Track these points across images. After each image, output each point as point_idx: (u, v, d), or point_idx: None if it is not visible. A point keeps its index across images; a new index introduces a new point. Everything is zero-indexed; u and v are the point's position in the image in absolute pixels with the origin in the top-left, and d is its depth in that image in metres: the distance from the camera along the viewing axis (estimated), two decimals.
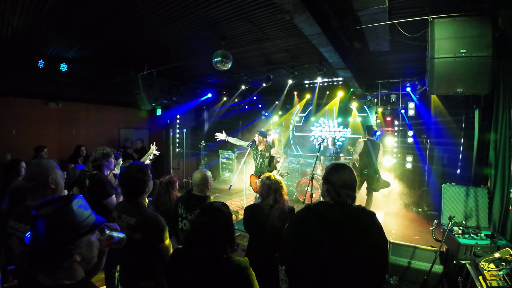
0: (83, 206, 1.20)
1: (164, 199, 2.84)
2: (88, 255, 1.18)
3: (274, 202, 2.57)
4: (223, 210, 1.64)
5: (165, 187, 2.89)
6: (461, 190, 3.79)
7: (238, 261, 1.55)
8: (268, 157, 5.11)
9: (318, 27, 3.23)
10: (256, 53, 5.61)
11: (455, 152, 6.49)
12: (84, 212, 1.18)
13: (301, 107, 9.90)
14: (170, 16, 3.84)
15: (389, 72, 6.99)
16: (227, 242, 1.55)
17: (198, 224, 1.58)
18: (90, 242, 1.19)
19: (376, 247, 1.64)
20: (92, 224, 1.19)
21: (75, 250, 1.11)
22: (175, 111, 9.18)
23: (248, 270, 1.54)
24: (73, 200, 1.16)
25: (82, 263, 1.16)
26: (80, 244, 1.13)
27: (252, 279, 1.54)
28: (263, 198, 2.66)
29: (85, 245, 1.16)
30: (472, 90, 3.23)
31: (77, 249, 1.12)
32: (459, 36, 3.05)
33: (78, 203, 1.17)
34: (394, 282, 3.55)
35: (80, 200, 1.20)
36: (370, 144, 5.60)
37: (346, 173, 1.74)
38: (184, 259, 1.58)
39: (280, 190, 2.61)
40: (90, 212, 1.22)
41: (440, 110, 6.86)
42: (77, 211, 1.15)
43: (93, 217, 1.22)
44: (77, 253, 1.12)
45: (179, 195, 2.92)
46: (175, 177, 3.05)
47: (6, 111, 6.53)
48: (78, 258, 1.13)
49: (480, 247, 3.01)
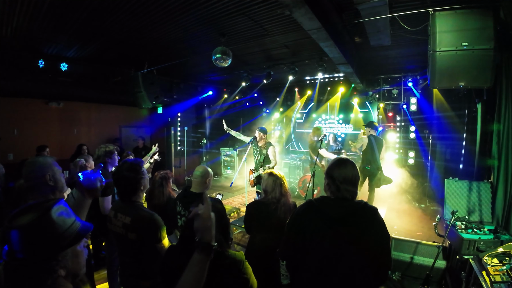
0: (65, 213, 1.04)
1: (157, 193, 2.88)
2: (75, 267, 1.03)
3: (280, 195, 2.60)
4: (216, 205, 1.64)
5: (159, 181, 2.92)
6: (464, 185, 3.76)
7: (234, 255, 1.54)
8: (265, 154, 5.11)
9: (317, 21, 3.20)
10: (256, 50, 5.59)
11: (457, 147, 6.44)
12: (66, 221, 1.02)
13: (302, 104, 9.86)
14: (169, 13, 3.83)
15: (391, 67, 6.94)
16: (222, 237, 1.54)
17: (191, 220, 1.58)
18: (76, 252, 1.04)
19: (378, 242, 1.62)
20: (77, 233, 1.04)
21: (58, 265, 0.97)
22: (176, 109, 9.19)
23: (244, 263, 1.53)
24: (52, 207, 1.00)
25: (68, 277, 1.01)
26: (64, 257, 0.99)
27: (249, 272, 1.53)
28: (267, 193, 2.66)
29: (70, 257, 1.01)
30: (474, 83, 3.19)
31: (61, 263, 0.98)
32: (461, 29, 3.01)
33: (58, 210, 1.02)
34: (396, 277, 3.54)
35: (61, 206, 1.05)
36: (374, 140, 5.56)
37: (348, 168, 1.72)
38: (179, 255, 1.58)
39: (284, 186, 2.64)
40: (73, 220, 1.06)
41: (442, 104, 6.81)
42: (57, 220, 0.99)
43: (78, 224, 1.07)
44: (61, 267, 0.98)
45: (172, 191, 2.94)
46: (170, 174, 3.06)
47: (8, 112, 6.57)
48: (63, 273, 0.98)
49: (483, 242, 2.99)
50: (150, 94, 6.53)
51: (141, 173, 2.06)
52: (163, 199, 2.91)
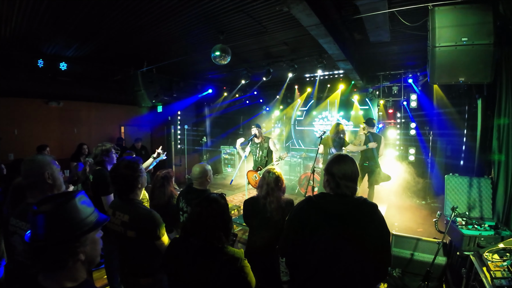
0: (86, 202, 1.15)
1: (158, 193, 2.85)
2: (92, 253, 1.13)
3: (267, 194, 2.56)
4: (219, 200, 1.64)
5: (161, 181, 2.90)
6: (464, 181, 3.74)
7: (233, 252, 1.55)
8: (266, 148, 5.10)
9: (316, 17, 3.19)
10: (255, 47, 5.57)
11: (458, 143, 6.42)
12: (87, 209, 1.13)
13: (302, 101, 9.84)
14: (167, 11, 3.81)
15: (391, 63, 6.91)
16: (223, 232, 1.56)
17: (194, 214, 1.59)
18: (94, 240, 1.14)
19: (378, 238, 1.62)
20: (96, 221, 1.14)
21: (79, 248, 1.06)
22: (175, 107, 9.18)
23: (243, 261, 1.54)
24: (76, 196, 1.12)
25: (86, 263, 1.11)
26: (84, 242, 1.08)
27: (247, 270, 1.54)
28: (258, 188, 2.67)
29: (90, 243, 1.11)
30: (474, 79, 3.17)
31: (82, 247, 1.07)
32: (460, 24, 2.99)
33: (81, 199, 1.13)
34: (397, 274, 3.54)
35: (83, 196, 1.15)
36: (371, 137, 5.55)
37: (347, 165, 1.71)
38: (180, 249, 1.59)
39: (273, 184, 2.57)
40: (93, 209, 1.17)
41: (443, 101, 6.78)
42: (80, 207, 1.10)
43: (96, 214, 1.18)
44: (81, 251, 1.07)
45: (174, 190, 2.93)
46: (171, 173, 3.05)
47: (8, 112, 6.58)
48: (83, 257, 1.08)
49: (484, 238, 2.97)
50: (150, 93, 6.53)
51: (139, 171, 2.07)
52: (164, 198, 2.89)
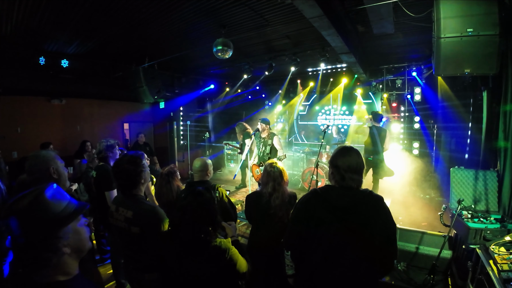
0: (58, 195, 1.10)
1: (166, 190, 2.83)
2: (78, 244, 1.09)
3: (273, 190, 2.54)
4: (204, 194, 1.64)
5: (166, 178, 2.88)
6: (469, 174, 3.70)
7: (219, 243, 1.58)
8: (270, 145, 5.08)
9: (319, 8, 3.13)
10: (257, 41, 5.51)
11: (463, 137, 6.34)
12: (60, 201, 1.09)
13: (304, 96, 9.77)
14: (169, 5, 3.77)
15: (394, 56, 6.82)
16: (209, 226, 1.57)
17: (180, 209, 1.60)
18: (77, 230, 1.09)
19: (383, 231, 1.60)
20: (73, 210, 1.09)
21: (60, 243, 1.02)
22: (178, 103, 9.17)
23: (230, 250, 1.57)
24: (45, 190, 1.06)
25: (73, 254, 1.08)
26: (65, 235, 1.04)
27: (234, 258, 1.58)
28: (263, 185, 2.64)
29: (72, 235, 1.07)
30: (480, 70, 3.12)
31: (63, 241, 1.03)
32: (466, 15, 2.93)
33: (52, 192, 1.08)
34: (402, 267, 3.53)
35: (53, 189, 1.11)
36: (376, 130, 5.50)
37: (352, 157, 1.69)
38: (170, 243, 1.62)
39: (279, 179, 2.56)
40: (68, 201, 1.12)
41: (447, 93, 6.68)
42: (51, 201, 1.05)
43: (73, 204, 1.12)
44: (64, 245, 1.03)
45: (180, 184, 2.91)
46: (175, 167, 3.03)
47: (11, 110, 6.59)
48: (68, 250, 1.04)
49: (490, 231, 2.94)
50: (152, 89, 6.52)
51: (141, 166, 2.05)
52: (173, 195, 2.87)
